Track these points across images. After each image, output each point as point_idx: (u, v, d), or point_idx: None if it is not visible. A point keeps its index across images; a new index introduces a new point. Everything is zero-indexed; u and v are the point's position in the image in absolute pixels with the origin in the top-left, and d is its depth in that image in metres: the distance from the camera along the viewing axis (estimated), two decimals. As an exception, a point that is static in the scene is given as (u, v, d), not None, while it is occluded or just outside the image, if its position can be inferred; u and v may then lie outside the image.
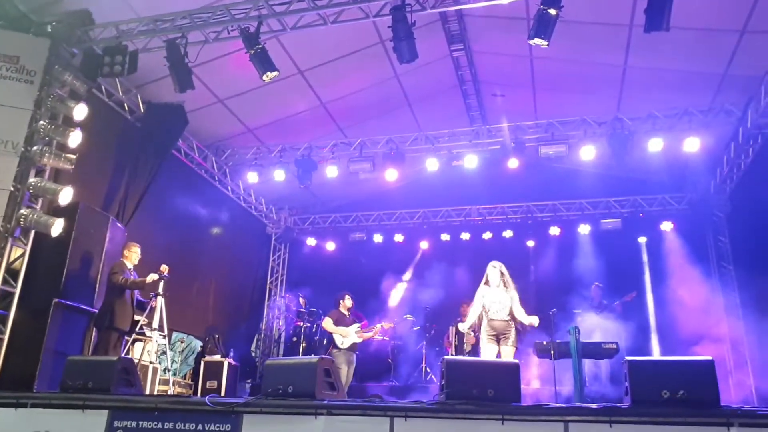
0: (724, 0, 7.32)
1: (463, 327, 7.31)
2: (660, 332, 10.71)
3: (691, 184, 11.28)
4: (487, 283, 6.95)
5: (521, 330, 6.83)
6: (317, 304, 11.74)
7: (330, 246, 13.77)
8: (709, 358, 4.09)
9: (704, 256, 11.01)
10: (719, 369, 4.06)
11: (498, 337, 6.69)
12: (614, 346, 7.49)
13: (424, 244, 13.25)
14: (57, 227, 6.80)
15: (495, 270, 6.94)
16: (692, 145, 9.13)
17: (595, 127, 9.75)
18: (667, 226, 11.59)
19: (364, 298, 11.01)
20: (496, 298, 6.81)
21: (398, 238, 13.23)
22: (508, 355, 6.59)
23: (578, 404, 5.89)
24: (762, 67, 8.06)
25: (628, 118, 9.53)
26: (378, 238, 13.29)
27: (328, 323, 8.49)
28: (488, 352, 6.66)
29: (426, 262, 12.84)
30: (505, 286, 6.88)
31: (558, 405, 4.18)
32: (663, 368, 4.14)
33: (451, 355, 9.64)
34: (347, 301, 8.78)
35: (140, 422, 4.74)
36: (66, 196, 6.98)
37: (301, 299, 12.15)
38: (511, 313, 6.75)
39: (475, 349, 9.79)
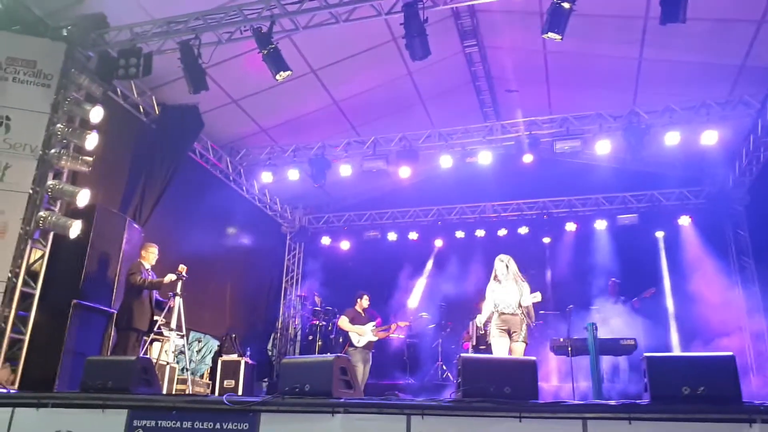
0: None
1: (479, 319, 7.22)
2: (679, 328, 10.59)
3: (709, 177, 11.13)
4: (495, 278, 6.93)
5: (530, 323, 6.79)
6: (333, 303, 11.77)
7: (344, 244, 13.78)
8: (730, 353, 4.02)
9: (723, 250, 10.85)
10: (740, 364, 4.00)
11: (509, 331, 6.64)
12: (632, 342, 7.41)
13: (438, 242, 13.20)
14: (75, 229, 6.87)
15: (502, 264, 6.92)
16: (710, 138, 9.01)
17: (611, 121, 9.63)
18: (684, 220, 11.45)
19: (379, 296, 11.02)
20: (505, 291, 6.77)
21: (413, 235, 13.21)
22: (518, 351, 6.55)
23: (597, 401, 5.84)
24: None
25: (644, 112, 9.41)
26: (392, 236, 13.28)
27: (344, 322, 8.51)
28: (499, 346, 6.62)
29: (441, 260, 12.80)
30: (513, 279, 6.85)
31: (576, 402, 4.14)
32: (683, 364, 4.07)
33: (471, 347, 9.61)
34: (364, 301, 8.80)
35: (159, 421, 4.77)
36: (84, 198, 7.06)
37: (316, 298, 12.19)
38: (520, 306, 6.70)
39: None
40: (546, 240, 12.39)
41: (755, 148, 9.58)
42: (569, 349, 7.18)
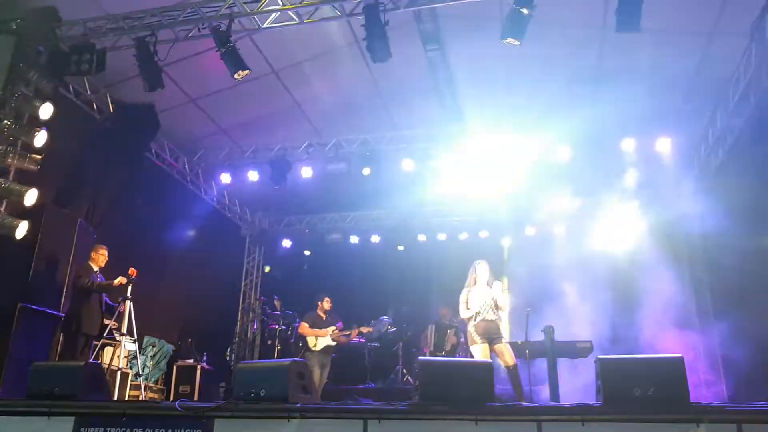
0: (692, 2, 7.42)
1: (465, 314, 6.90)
2: (632, 330, 10.81)
3: (664, 183, 11.40)
4: (475, 283, 6.88)
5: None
6: (293, 306, 11.63)
7: (305, 247, 13.66)
8: (679, 355, 4.13)
9: (677, 254, 11.13)
10: (690, 365, 4.10)
11: (490, 337, 6.61)
12: (589, 344, 7.52)
13: (400, 246, 13.19)
14: (21, 229, 6.64)
15: (484, 268, 6.89)
16: (663, 146, 9.27)
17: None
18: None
19: (341, 300, 10.92)
20: (484, 297, 6.75)
21: (375, 239, 13.18)
22: (507, 350, 6.57)
23: (551, 403, 5.92)
24: (730, 68, 8.20)
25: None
26: (354, 239, 13.23)
27: (304, 328, 8.39)
28: (483, 352, 6.55)
29: (403, 263, 12.82)
30: (488, 284, 6.84)
31: (531, 405, 4.19)
32: (634, 366, 4.17)
33: (429, 353, 9.61)
34: (326, 304, 8.72)
35: (108, 428, 4.64)
36: (31, 197, 6.82)
37: (276, 302, 12.03)
38: (496, 310, 6.73)
39: (455, 350, 9.79)
40: (505, 242, 12.53)
41: (706, 156, 9.90)
42: (527, 352, 7.25)
